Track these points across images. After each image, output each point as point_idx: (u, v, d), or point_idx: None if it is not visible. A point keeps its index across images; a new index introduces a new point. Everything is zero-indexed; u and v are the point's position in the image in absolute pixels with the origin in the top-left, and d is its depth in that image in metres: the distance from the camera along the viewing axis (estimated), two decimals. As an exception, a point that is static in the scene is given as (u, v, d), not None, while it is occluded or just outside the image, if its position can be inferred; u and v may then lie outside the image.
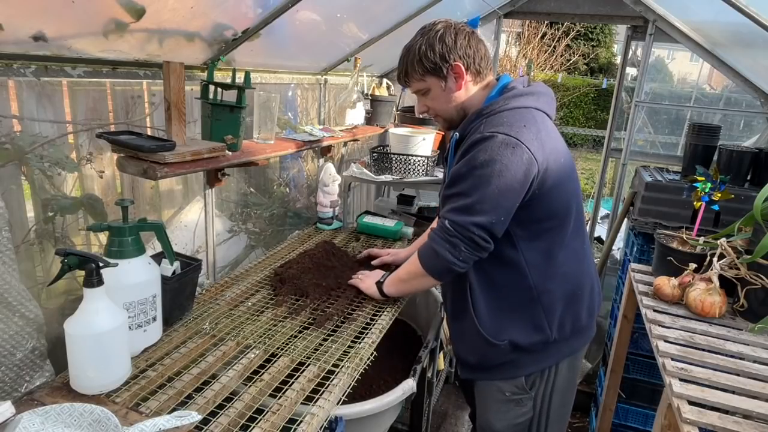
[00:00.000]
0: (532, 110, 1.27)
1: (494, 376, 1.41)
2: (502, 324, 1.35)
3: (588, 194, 7.06)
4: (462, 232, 1.23)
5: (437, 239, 1.29)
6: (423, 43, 1.30)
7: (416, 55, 1.31)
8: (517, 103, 1.27)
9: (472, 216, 1.22)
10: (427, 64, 1.30)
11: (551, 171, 1.24)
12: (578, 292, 1.37)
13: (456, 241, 1.25)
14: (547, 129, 1.27)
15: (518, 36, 10.84)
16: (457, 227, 1.24)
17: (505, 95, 1.29)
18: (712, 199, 1.84)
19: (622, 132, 2.91)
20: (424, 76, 1.33)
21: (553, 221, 1.30)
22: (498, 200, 1.21)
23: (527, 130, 1.21)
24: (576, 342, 1.42)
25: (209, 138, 1.48)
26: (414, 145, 2.41)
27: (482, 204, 1.21)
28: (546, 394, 1.41)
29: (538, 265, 1.31)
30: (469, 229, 1.23)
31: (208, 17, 1.41)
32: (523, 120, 1.23)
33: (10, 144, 1.18)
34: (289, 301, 1.51)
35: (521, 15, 2.87)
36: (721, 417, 1.17)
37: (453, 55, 1.29)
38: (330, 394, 1.11)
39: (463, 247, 1.25)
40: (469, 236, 1.23)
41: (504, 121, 1.23)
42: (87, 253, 1.01)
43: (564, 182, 1.28)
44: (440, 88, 1.34)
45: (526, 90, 1.30)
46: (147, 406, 1.02)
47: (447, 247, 1.26)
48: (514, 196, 1.21)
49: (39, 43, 1.10)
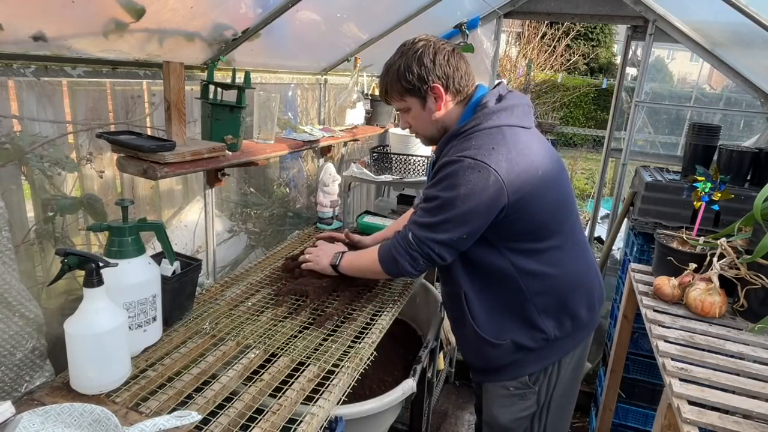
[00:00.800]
0: (504, 128, 1.26)
1: (501, 377, 1.43)
2: (500, 324, 1.37)
3: (588, 194, 7.06)
4: (422, 247, 1.30)
5: (399, 249, 1.34)
6: (402, 63, 1.31)
7: (395, 76, 1.32)
8: (488, 122, 1.26)
9: (434, 233, 1.27)
10: (405, 85, 1.31)
11: (526, 188, 1.23)
12: (574, 292, 1.38)
13: (416, 255, 1.31)
14: (519, 146, 1.25)
15: (518, 36, 10.84)
16: (419, 242, 1.30)
17: (477, 114, 1.29)
18: (712, 199, 1.84)
19: (622, 132, 2.91)
20: (404, 96, 1.35)
21: (538, 232, 1.30)
22: (462, 221, 1.24)
23: (495, 152, 1.21)
24: (578, 336, 1.43)
25: (209, 138, 1.48)
26: (414, 145, 2.41)
27: (445, 224, 1.25)
28: (549, 388, 1.43)
29: (528, 271, 1.32)
30: (429, 246, 1.29)
31: (208, 17, 1.41)
32: (492, 141, 1.23)
33: (10, 144, 1.18)
34: (289, 301, 1.51)
35: (521, 15, 2.87)
36: (721, 417, 1.17)
37: (431, 77, 1.29)
38: (330, 394, 1.11)
39: (421, 261, 1.32)
40: (427, 252, 1.29)
41: (472, 144, 1.24)
42: (87, 253, 1.01)
43: (543, 194, 1.27)
44: (420, 107, 1.35)
45: (499, 106, 1.29)
46: (147, 406, 1.02)
47: (407, 258, 1.33)
48: (480, 218, 1.23)
49: (39, 43, 1.10)
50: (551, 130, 9.91)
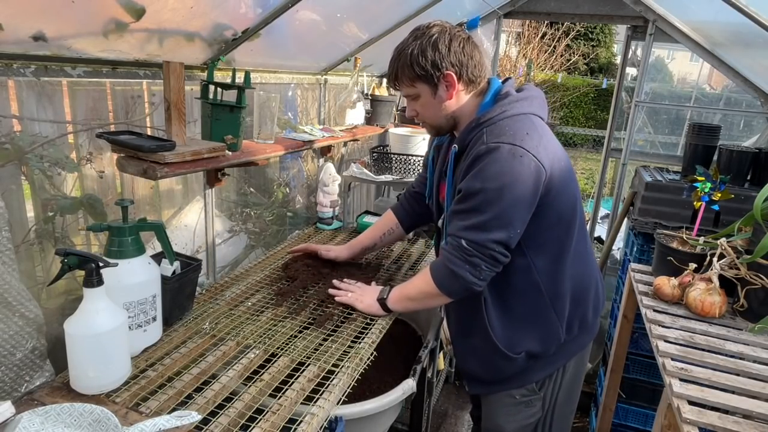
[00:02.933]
0: (530, 116, 1.24)
1: (509, 386, 1.40)
2: (516, 335, 1.33)
3: (588, 194, 7.06)
4: (482, 251, 1.20)
5: (455, 260, 1.23)
6: (415, 47, 1.24)
7: (407, 60, 1.25)
8: (515, 110, 1.23)
9: (489, 233, 1.18)
10: (417, 71, 1.25)
11: (555, 176, 1.22)
12: (585, 293, 1.37)
13: (476, 261, 1.20)
14: (546, 134, 1.25)
15: (518, 36, 10.84)
16: (477, 246, 1.20)
17: (501, 102, 1.25)
18: (712, 199, 1.84)
19: (622, 132, 2.91)
20: (414, 82, 1.28)
21: (561, 226, 1.28)
22: (513, 213, 1.18)
23: (530, 137, 1.18)
24: (583, 339, 1.42)
25: (209, 138, 1.48)
26: (414, 145, 2.41)
27: (498, 219, 1.18)
28: (554, 392, 1.41)
29: (548, 271, 1.29)
30: (489, 247, 1.19)
31: (208, 17, 1.41)
32: (525, 127, 1.20)
33: (10, 144, 1.18)
34: (289, 301, 1.51)
35: (521, 15, 2.87)
36: (721, 417, 1.17)
37: (445, 63, 1.23)
38: (330, 394, 1.11)
39: (484, 266, 1.21)
40: (490, 254, 1.20)
41: (506, 130, 1.19)
42: (87, 253, 1.01)
43: (567, 185, 1.26)
44: (430, 95, 1.28)
45: (521, 95, 1.26)
46: (147, 406, 1.02)
47: (467, 268, 1.21)
48: (526, 206, 1.19)
49: (39, 43, 1.10)
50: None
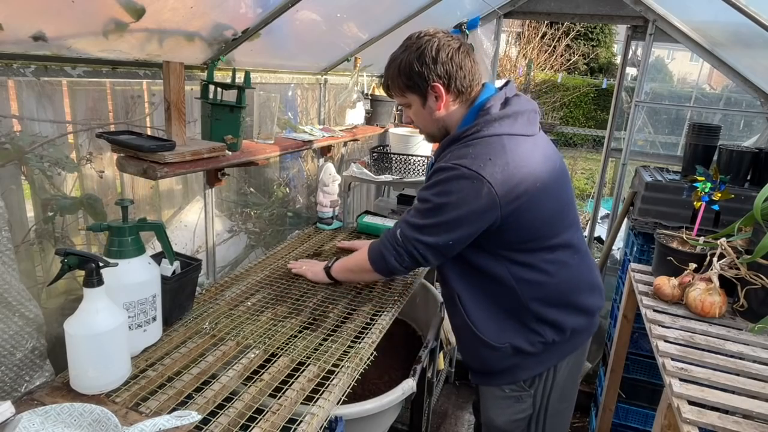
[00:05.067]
0: (503, 138, 1.23)
1: (499, 381, 1.42)
2: (499, 327, 1.36)
3: (588, 194, 7.06)
4: (407, 246, 1.32)
5: (386, 244, 1.37)
6: (404, 59, 1.28)
7: (396, 71, 1.30)
8: (489, 130, 1.23)
9: (421, 235, 1.29)
10: (406, 81, 1.29)
11: (522, 200, 1.21)
12: (572, 297, 1.36)
13: (401, 251, 1.34)
14: (518, 157, 1.22)
15: (518, 36, 10.84)
16: (405, 240, 1.32)
17: (478, 120, 1.26)
18: (712, 199, 1.84)
19: (622, 132, 2.91)
20: (405, 92, 1.33)
21: (533, 241, 1.29)
22: (450, 228, 1.24)
23: (491, 163, 1.19)
24: (576, 340, 1.42)
25: (209, 138, 1.48)
26: (414, 145, 2.41)
27: (433, 228, 1.26)
28: (546, 391, 1.42)
29: (524, 279, 1.31)
30: (414, 246, 1.30)
31: (208, 17, 1.41)
32: (490, 152, 1.21)
33: (10, 144, 1.18)
34: (289, 301, 1.51)
35: (521, 15, 2.87)
36: (721, 417, 1.17)
37: (432, 76, 1.26)
38: (330, 394, 1.11)
39: (406, 257, 1.34)
40: (411, 251, 1.31)
41: (470, 152, 1.22)
42: (87, 253, 1.01)
43: (540, 205, 1.25)
44: (420, 105, 1.33)
45: (501, 113, 1.25)
46: (147, 406, 1.02)
47: (393, 254, 1.35)
48: (468, 227, 1.23)
49: (39, 42, 1.10)
50: (551, 130, 9.91)
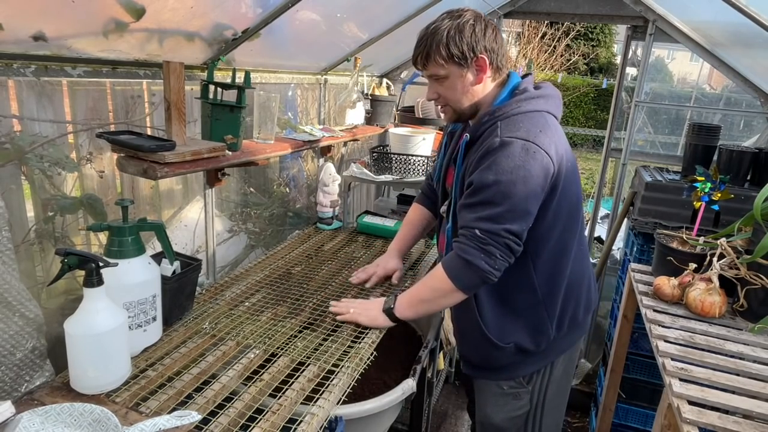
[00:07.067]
0: (545, 114, 1.27)
1: (498, 376, 1.43)
2: (507, 327, 1.36)
3: (588, 194, 7.06)
4: (496, 239, 1.20)
5: (469, 250, 1.22)
6: (452, 27, 1.23)
7: (443, 39, 1.23)
8: (530, 106, 1.26)
9: (503, 224, 1.20)
10: (453, 50, 1.24)
11: (562, 174, 1.24)
12: (576, 291, 1.39)
13: (491, 249, 1.20)
14: (558, 133, 1.27)
15: (518, 36, 10.84)
16: (491, 235, 1.20)
17: (517, 97, 1.27)
18: (712, 199, 1.84)
19: (622, 132, 2.91)
20: (446, 63, 1.26)
21: (562, 225, 1.30)
22: (525, 206, 1.20)
23: (543, 134, 1.21)
24: (572, 336, 1.44)
25: (209, 138, 1.48)
26: (414, 145, 2.40)
27: (511, 212, 1.20)
28: (542, 387, 1.43)
29: (544, 268, 1.32)
30: (503, 235, 1.20)
31: (208, 17, 1.41)
32: (539, 124, 1.23)
33: (10, 144, 1.18)
34: (289, 301, 1.51)
35: (521, 15, 2.87)
36: (721, 417, 1.17)
37: (480, 47, 1.24)
38: (330, 394, 1.11)
39: (498, 254, 1.21)
40: (504, 242, 1.20)
41: (520, 125, 1.22)
42: (87, 253, 1.01)
43: (571, 185, 1.29)
44: (459, 78, 1.28)
45: (537, 93, 1.29)
46: (147, 406, 1.02)
47: (482, 256, 1.21)
48: (537, 201, 1.22)
49: (39, 42, 1.10)
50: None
